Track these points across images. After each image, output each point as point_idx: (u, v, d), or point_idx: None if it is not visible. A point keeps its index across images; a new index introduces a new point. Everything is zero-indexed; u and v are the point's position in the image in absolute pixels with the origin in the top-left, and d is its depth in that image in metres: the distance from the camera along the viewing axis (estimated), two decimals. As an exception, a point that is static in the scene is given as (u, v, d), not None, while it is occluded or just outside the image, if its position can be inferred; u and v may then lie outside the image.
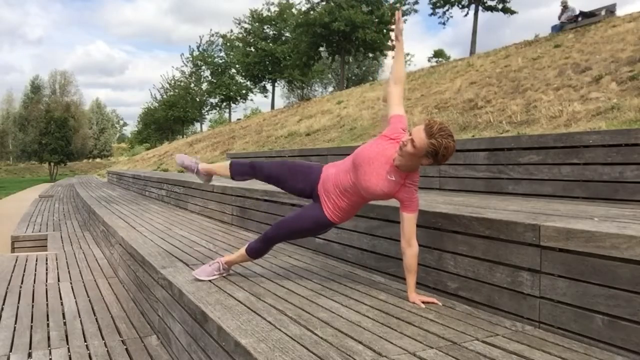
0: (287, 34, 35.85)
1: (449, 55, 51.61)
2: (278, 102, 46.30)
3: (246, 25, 37.57)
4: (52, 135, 51.90)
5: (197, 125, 51.83)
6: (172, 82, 46.94)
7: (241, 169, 3.07)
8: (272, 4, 36.53)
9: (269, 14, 36.85)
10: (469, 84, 12.49)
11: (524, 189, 4.23)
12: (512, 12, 25.01)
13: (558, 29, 15.55)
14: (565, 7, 15.80)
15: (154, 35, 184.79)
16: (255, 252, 3.01)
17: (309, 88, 50.46)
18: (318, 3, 29.48)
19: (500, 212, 2.71)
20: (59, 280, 5.08)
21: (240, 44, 38.28)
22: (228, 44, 41.22)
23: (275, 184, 3.03)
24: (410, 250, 2.55)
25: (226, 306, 2.51)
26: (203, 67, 45.08)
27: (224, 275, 3.12)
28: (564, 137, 4.02)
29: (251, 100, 78.88)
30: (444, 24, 35.89)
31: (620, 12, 14.65)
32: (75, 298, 4.42)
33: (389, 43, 29.70)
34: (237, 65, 39.70)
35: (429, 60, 50.44)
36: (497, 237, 2.35)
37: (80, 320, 3.80)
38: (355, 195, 2.68)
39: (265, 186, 5.58)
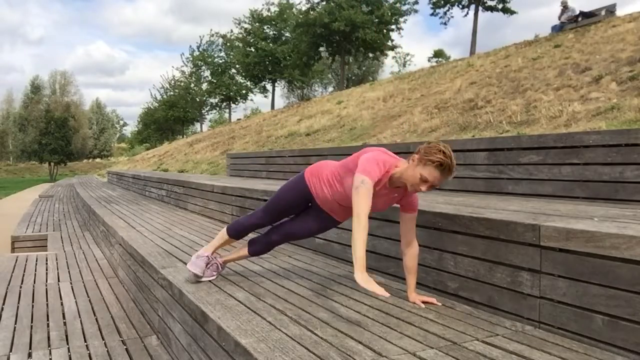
0: (287, 34, 35.83)
1: (449, 55, 51.63)
2: (278, 102, 46.39)
3: (246, 26, 37.56)
4: (52, 135, 51.96)
5: (197, 125, 51.84)
6: (172, 82, 46.95)
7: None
8: (272, 4, 36.54)
9: (269, 14, 36.83)
10: (469, 84, 12.50)
11: (524, 189, 4.23)
12: (512, 12, 25.00)
13: (558, 29, 15.56)
14: (565, 7, 15.80)
15: (154, 36, 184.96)
16: (259, 253, 3.05)
17: (309, 88, 50.46)
18: (318, 3, 29.47)
19: (500, 212, 2.71)
20: (59, 280, 5.08)
21: (240, 44, 38.26)
22: (228, 44, 41.20)
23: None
24: (410, 251, 2.55)
25: (226, 306, 2.51)
26: (203, 67, 45.06)
27: (221, 274, 3.13)
28: (564, 137, 4.02)
29: (251, 100, 78.81)
30: (444, 24, 35.77)
31: (620, 12, 14.68)
32: (75, 298, 4.42)
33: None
34: (237, 66, 39.68)
35: (429, 60, 50.45)
36: (497, 237, 2.35)
37: (80, 320, 3.79)
38: None
39: (266, 186, 5.59)
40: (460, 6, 25.52)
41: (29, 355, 3.13)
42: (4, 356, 3.10)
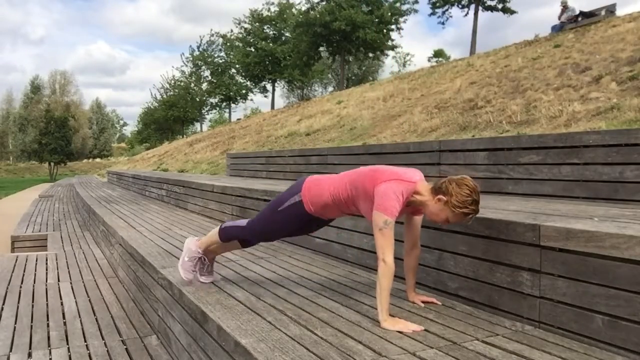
0: (287, 34, 35.85)
1: (449, 55, 51.66)
2: (278, 102, 46.35)
3: (246, 25, 37.60)
4: (52, 135, 51.89)
5: (197, 125, 51.84)
6: (172, 82, 46.95)
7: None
8: (272, 4, 36.57)
9: (269, 14, 36.85)
10: (469, 84, 12.49)
11: (524, 189, 4.23)
12: (512, 12, 25.03)
13: (558, 29, 15.56)
14: (565, 7, 15.81)
15: (155, 35, 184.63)
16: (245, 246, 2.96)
17: (309, 88, 50.47)
18: (318, 3, 29.48)
19: (500, 212, 2.70)
20: (59, 280, 5.08)
21: (240, 44, 38.28)
22: (228, 44, 41.23)
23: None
24: (415, 252, 2.56)
25: (226, 306, 2.51)
26: (203, 67, 45.08)
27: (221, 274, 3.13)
28: (564, 137, 4.02)
29: (251, 100, 78.91)
30: (443, 23, 35.93)
31: (620, 12, 14.68)
32: (75, 298, 4.42)
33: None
34: (237, 65, 39.70)
35: (429, 60, 50.48)
36: (497, 237, 2.35)
37: (80, 320, 3.79)
38: None
39: (266, 186, 5.59)
40: (460, 6, 25.55)
41: (29, 355, 3.13)
42: (4, 356, 3.10)
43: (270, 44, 35.83)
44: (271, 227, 2.74)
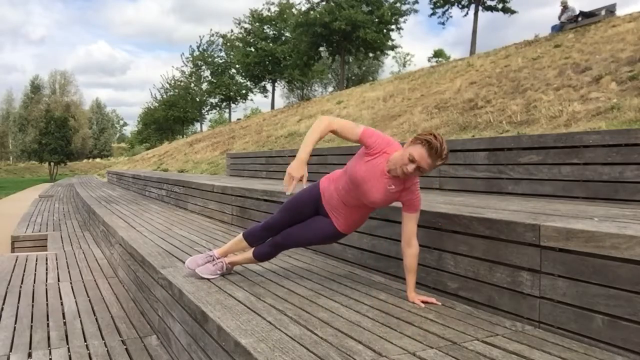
0: (287, 34, 35.85)
1: (449, 55, 51.69)
2: (278, 102, 46.36)
3: (246, 25, 37.62)
4: (52, 135, 51.86)
5: (197, 125, 51.84)
6: (172, 82, 46.94)
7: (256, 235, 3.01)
8: (272, 4, 36.56)
9: (269, 14, 36.86)
10: (469, 84, 12.49)
11: (524, 189, 4.23)
12: (512, 12, 25.02)
13: (558, 29, 15.56)
14: (565, 7, 15.81)
15: (156, 35, 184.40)
16: (264, 256, 3.04)
17: (309, 88, 50.48)
18: (318, 3, 29.48)
19: (500, 212, 2.71)
20: (59, 280, 5.08)
21: (241, 44, 38.29)
22: (228, 44, 41.23)
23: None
24: (411, 250, 2.56)
25: (226, 306, 2.51)
26: (203, 67, 45.09)
27: (224, 275, 3.13)
28: (564, 137, 4.02)
29: (251, 100, 79.00)
30: (443, 24, 35.96)
31: (620, 12, 14.69)
32: (75, 298, 4.42)
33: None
34: (237, 65, 39.71)
35: (429, 60, 50.49)
36: (497, 237, 2.35)
37: (80, 320, 3.79)
38: (364, 207, 2.72)
39: (266, 186, 5.59)
40: (460, 6, 25.55)
41: (29, 355, 3.12)
42: (4, 356, 3.10)
43: (270, 44, 35.82)
44: (289, 201, 2.90)
